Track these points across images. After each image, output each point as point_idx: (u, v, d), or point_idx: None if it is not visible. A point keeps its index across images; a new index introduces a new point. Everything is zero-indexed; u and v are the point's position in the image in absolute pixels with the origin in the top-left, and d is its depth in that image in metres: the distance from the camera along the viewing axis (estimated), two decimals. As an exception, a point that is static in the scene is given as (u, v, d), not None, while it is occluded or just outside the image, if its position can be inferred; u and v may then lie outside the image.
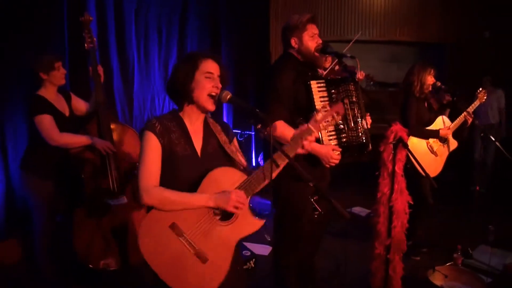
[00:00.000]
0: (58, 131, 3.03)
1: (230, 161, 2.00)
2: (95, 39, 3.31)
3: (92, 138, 3.20)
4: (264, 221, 1.87)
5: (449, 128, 3.89)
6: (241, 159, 2.00)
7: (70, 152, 3.17)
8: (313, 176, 2.69)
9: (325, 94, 2.66)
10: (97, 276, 3.41)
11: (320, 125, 1.96)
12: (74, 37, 3.80)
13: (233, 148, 2.04)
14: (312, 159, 2.57)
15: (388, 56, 7.56)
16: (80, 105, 3.36)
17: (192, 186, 1.84)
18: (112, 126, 3.35)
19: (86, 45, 3.27)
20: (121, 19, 4.66)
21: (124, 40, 4.72)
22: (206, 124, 2.01)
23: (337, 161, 2.58)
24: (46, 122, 3.00)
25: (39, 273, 3.35)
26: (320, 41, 2.73)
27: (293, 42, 2.73)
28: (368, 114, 2.74)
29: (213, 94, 1.87)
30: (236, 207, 1.80)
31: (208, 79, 1.87)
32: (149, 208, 1.82)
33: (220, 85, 1.89)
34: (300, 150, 1.97)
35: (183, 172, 1.85)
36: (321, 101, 2.63)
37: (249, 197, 1.86)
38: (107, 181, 3.29)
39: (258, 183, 1.87)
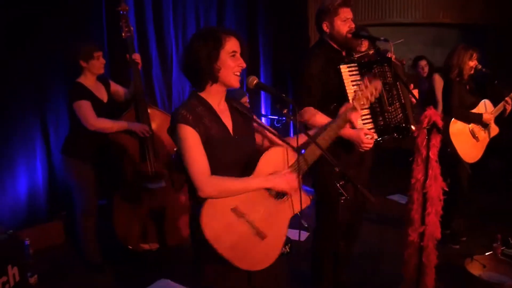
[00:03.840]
0: (95, 116, 3.15)
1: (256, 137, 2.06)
2: (132, 28, 3.40)
3: (128, 122, 3.31)
4: (312, 197, 1.92)
5: (492, 113, 3.75)
6: (269, 131, 2.04)
7: (110, 136, 3.28)
8: (351, 162, 2.69)
9: (358, 77, 2.60)
10: (137, 256, 3.54)
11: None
12: (113, 26, 3.89)
13: (257, 124, 2.08)
14: (347, 145, 2.55)
15: (431, 39, 7.27)
16: (119, 91, 3.49)
17: (230, 167, 1.85)
18: (150, 112, 3.45)
19: (123, 34, 3.38)
20: (159, 8, 4.73)
21: (162, 30, 4.79)
22: (229, 103, 2.00)
23: (370, 145, 2.51)
24: (84, 107, 3.13)
25: (81, 253, 3.53)
26: (353, 26, 2.67)
27: (325, 26, 2.68)
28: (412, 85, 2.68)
29: (238, 73, 1.86)
30: (292, 188, 1.88)
31: (233, 57, 1.84)
32: (191, 193, 1.83)
33: (244, 64, 1.87)
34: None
35: (220, 155, 1.83)
36: (353, 85, 2.56)
37: (301, 175, 1.91)
38: (146, 165, 3.40)
39: (306, 162, 1.93)
